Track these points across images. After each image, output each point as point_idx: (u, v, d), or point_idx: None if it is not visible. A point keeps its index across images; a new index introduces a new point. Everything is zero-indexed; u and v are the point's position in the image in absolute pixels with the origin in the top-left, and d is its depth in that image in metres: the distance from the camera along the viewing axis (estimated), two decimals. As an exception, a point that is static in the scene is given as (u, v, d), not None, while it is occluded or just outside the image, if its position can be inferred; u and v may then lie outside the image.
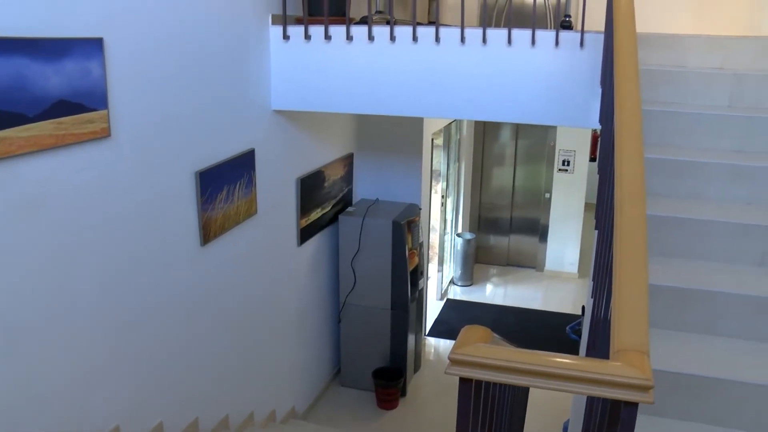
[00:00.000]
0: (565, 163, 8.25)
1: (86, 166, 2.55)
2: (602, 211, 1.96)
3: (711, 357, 2.27)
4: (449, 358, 1.25)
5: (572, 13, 6.13)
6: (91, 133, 2.55)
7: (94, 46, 2.51)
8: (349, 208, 5.35)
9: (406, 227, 5.19)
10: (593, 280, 2.28)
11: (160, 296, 3.10)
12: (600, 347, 1.50)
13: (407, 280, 5.24)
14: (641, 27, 7.07)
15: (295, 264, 4.61)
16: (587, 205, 8.15)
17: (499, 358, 1.18)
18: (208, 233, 3.40)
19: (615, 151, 1.47)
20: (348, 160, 5.30)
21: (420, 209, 5.65)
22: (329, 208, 5.03)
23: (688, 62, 3.63)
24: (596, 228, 2.52)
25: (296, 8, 3.98)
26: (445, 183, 7.42)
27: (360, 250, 5.19)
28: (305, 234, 4.68)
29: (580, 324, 5.88)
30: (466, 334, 1.30)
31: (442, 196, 7.40)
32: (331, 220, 5.13)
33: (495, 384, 1.37)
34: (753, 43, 3.61)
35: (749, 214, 2.69)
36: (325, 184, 4.88)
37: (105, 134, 2.61)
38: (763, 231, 2.58)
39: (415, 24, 3.58)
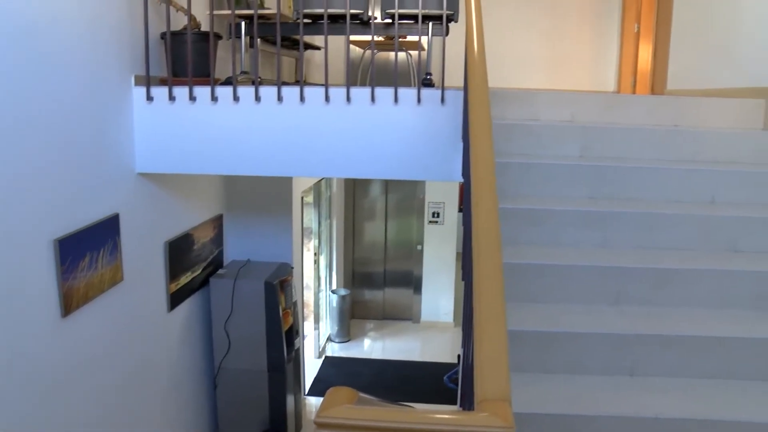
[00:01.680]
0: (435, 215, 8.48)
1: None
2: (467, 262, 2.04)
3: (575, 395, 2.38)
4: (315, 422, 1.25)
5: (433, 70, 6.39)
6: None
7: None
8: (220, 271, 5.24)
9: (278, 287, 5.14)
10: (462, 329, 2.34)
11: (17, 374, 2.90)
12: (470, 395, 1.54)
13: (282, 340, 5.17)
14: (500, 83, 7.48)
15: (165, 330, 4.45)
16: (459, 255, 8.40)
17: (364, 419, 1.19)
18: (69, 304, 3.23)
19: (471, 204, 1.55)
20: (217, 222, 5.21)
21: (292, 268, 5.62)
22: (200, 271, 4.91)
23: (541, 116, 3.87)
24: (463, 279, 2.60)
25: (160, 69, 3.94)
26: (317, 240, 7.43)
27: (233, 313, 5.08)
28: (175, 299, 4.53)
29: (456, 373, 5.98)
30: (331, 397, 1.30)
31: (315, 254, 7.40)
32: (202, 283, 5.00)
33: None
34: (598, 98, 3.90)
35: (603, 256, 2.87)
36: (195, 247, 4.77)
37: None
38: (616, 272, 2.76)
39: (280, 84, 3.62)
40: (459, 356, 5.21)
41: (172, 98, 3.70)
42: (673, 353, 2.52)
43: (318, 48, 5.91)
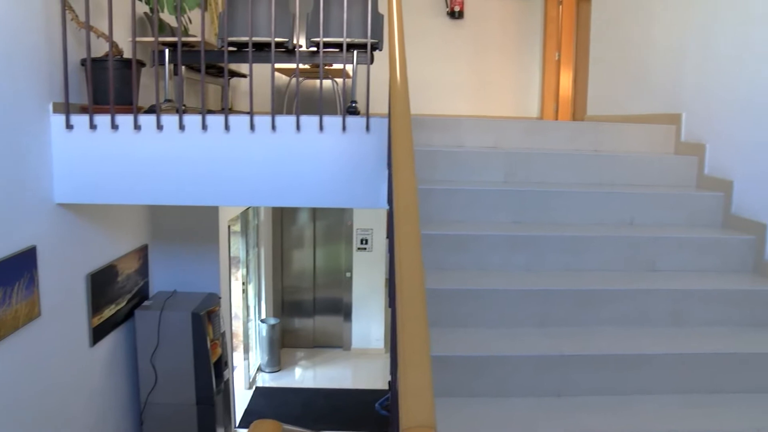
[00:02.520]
0: (364, 242, 8.49)
1: None
2: (393, 289, 2.05)
3: (503, 418, 2.40)
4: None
5: (359, 98, 6.43)
6: None
7: None
8: (146, 302, 5.11)
9: (206, 318, 5.04)
10: (390, 356, 2.34)
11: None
12: (397, 423, 1.54)
13: (211, 372, 5.06)
14: (426, 110, 7.57)
15: (88, 366, 4.29)
16: (388, 282, 8.41)
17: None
18: (-19, 342, 3.09)
19: (394, 231, 1.56)
20: (142, 252, 5.09)
21: (220, 298, 5.53)
22: (124, 303, 4.77)
23: (466, 142, 3.94)
24: (390, 305, 2.61)
25: (80, 96, 3.84)
26: (245, 269, 7.33)
27: (159, 345, 4.95)
28: (98, 333, 4.38)
29: (388, 399, 5.96)
30: (255, 430, 1.28)
31: (243, 283, 7.30)
32: (126, 316, 4.86)
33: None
34: (521, 124, 4.00)
35: (528, 279, 2.93)
36: (119, 279, 4.64)
37: None
38: (541, 294, 2.82)
39: (205, 112, 3.58)
40: (390, 382, 5.20)
41: (93, 127, 3.61)
42: (598, 372, 2.58)
43: (244, 76, 5.88)
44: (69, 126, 3.61)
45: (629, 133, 4.06)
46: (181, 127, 3.60)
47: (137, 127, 3.60)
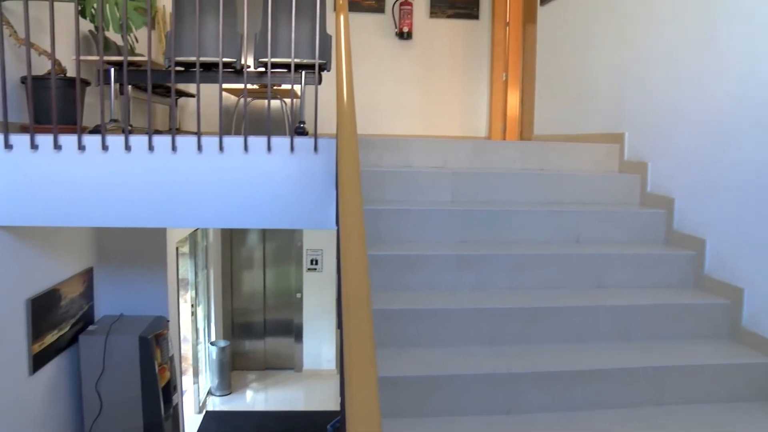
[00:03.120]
0: (314, 263, 8.46)
1: None
2: (340, 310, 2.04)
3: (455, 438, 2.40)
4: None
5: (308, 118, 6.43)
6: None
7: None
8: (91, 327, 4.98)
9: (153, 341, 4.94)
10: (339, 377, 2.33)
11: None
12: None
13: (159, 397, 4.95)
14: (375, 130, 7.59)
15: (28, 395, 4.16)
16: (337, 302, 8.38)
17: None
18: None
19: (340, 252, 1.55)
20: (87, 275, 4.97)
21: (168, 321, 5.43)
22: (68, 328, 4.64)
23: (414, 162, 3.96)
24: (338, 327, 2.60)
25: (20, 115, 3.75)
26: (194, 291, 7.22)
27: (105, 371, 4.83)
28: (39, 360, 4.25)
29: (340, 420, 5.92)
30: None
31: (192, 305, 7.19)
32: (70, 341, 4.73)
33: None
34: (469, 144, 4.04)
35: (477, 299, 2.95)
36: (62, 303, 4.52)
37: None
38: (490, 313, 2.84)
39: (151, 132, 3.53)
40: (341, 404, 5.17)
41: (34, 146, 3.52)
42: (547, 389, 2.61)
43: (192, 95, 5.83)
44: (8, 146, 3.52)
45: (575, 152, 4.14)
46: (127, 147, 3.54)
47: (81, 147, 3.53)
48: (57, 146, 3.52)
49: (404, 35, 7.53)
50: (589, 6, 4.75)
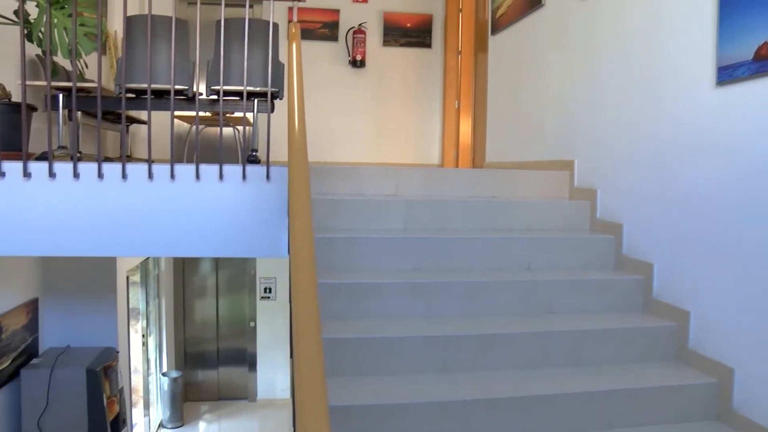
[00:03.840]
0: (267, 291, 8.37)
1: None
2: (292, 340, 2.02)
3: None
4: None
5: (261, 146, 6.41)
6: None
7: None
8: (34, 360, 4.83)
9: (102, 374, 4.81)
10: (292, 406, 2.30)
11: None
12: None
13: (107, 431, 4.82)
14: (328, 158, 7.58)
15: (-34, 432, 4.01)
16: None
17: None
18: None
19: (291, 282, 1.54)
20: (32, 306, 4.83)
21: (117, 352, 5.30)
22: (8, 363, 4.49)
23: (367, 190, 3.97)
24: (291, 356, 2.57)
25: (-38, 144, 3.66)
26: (145, 321, 7.08)
27: (49, 406, 4.67)
28: (-22, 396, 4.10)
29: (294, 451, 5.83)
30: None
31: (143, 336, 7.04)
32: (11, 376, 4.57)
33: None
34: (421, 172, 4.07)
35: (429, 326, 2.95)
36: (2, 336, 4.38)
37: None
38: (443, 341, 2.84)
39: (101, 160, 3.48)
40: (296, 434, 5.10)
41: (-24, 174, 3.44)
42: (500, 415, 2.61)
43: (143, 122, 5.76)
44: (-50, 173, 3.43)
45: (526, 180, 4.20)
46: (76, 174, 3.48)
47: (27, 174, 3.45)
48: (1, 173, 3.43)
49: (357, 63, 7.58)
50: (538, 37, 4.86)
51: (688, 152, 3.15)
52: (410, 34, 7.76)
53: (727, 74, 2.89)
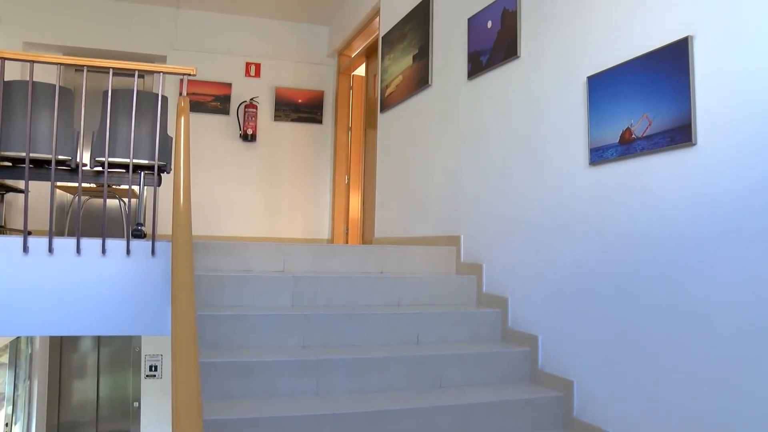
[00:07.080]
0: (153, 369, 8.02)
1: None
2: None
3: None
4: None
5: (147, 219, 6.25)
6: None
7: None
8: None
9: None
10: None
11: None
12: None
13: None
14: (216, 232, 7.45)
15: None
16: (178, 410, 7.95)
17: None
18: None
19: (172, 361, 1.50)
20: None
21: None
22: None
23: (254, 266, 3.93)
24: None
25: None
26: (11, 407, 6.60)
27: None
28: None
29: None
30: None
31: (7, 424, 6.55)
32: None
33: None
34: (309, 248, 4.07)
35: (317, 404, 2.91)
36: None
37: None
38: (330, 419, 2.80)
39: (-30, 234, 3.29)
40: None
41: None
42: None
43: (21, 191, 5.51)
44: None
45: (414, 255, 4.27)
46: (-59, 249, 3.27)
47: None
48: None
49: (248, 137, 7.59)
50: (425, 115, 5.03)
51: (565, 229, 3.31)
52: (302, 109, 7.87)
53: (597, 155, 3.09)
